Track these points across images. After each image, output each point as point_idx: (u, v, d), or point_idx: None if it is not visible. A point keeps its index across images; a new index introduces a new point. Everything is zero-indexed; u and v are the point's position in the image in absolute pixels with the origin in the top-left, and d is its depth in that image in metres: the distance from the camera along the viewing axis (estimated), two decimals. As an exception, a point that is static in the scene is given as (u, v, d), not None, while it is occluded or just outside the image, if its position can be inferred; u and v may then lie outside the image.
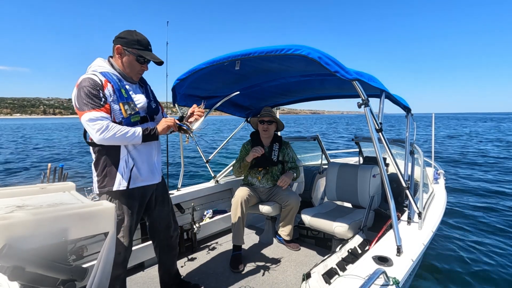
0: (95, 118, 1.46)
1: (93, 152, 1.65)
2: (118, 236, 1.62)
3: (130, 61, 1.65)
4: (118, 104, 1.57)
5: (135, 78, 1.71)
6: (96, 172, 1.63)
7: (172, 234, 2.00)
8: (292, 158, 2.97)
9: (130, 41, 1.62)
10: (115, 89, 1.57)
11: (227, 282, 2.28)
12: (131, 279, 2.29)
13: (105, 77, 1.56)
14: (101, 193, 1.63)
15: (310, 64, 1.77)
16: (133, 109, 1.64)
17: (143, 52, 1.65)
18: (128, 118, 1.62)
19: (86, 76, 1.52)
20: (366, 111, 1.72)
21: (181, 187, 3.17)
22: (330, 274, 1.57)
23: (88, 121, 1.46)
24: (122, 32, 1.65)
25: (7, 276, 0.94)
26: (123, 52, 1.63)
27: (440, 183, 3.36)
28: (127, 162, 1.63)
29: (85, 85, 1.49)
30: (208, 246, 2.94)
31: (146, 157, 1.72)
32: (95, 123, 1.46)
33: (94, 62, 1.64)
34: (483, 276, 3.26)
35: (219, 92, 3.01)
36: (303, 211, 2.74)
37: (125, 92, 1.63)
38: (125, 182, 1.62)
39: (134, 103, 1.65)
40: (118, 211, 1.63)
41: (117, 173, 1.61)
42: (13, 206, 1.15)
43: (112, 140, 1.51)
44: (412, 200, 1.99)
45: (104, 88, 1.53)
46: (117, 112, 1.57)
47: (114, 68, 1.64)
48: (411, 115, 2.72)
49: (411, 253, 1.63)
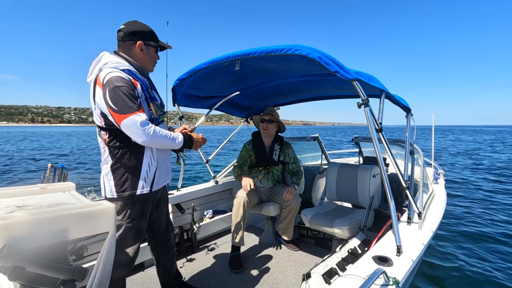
0: (144, 121, 1.41)
1: (111, 156, 1.54)
2: (129, 240, 1.59)
3: (150, 53, 1.63)
4: (148, 104, 1.54)
5: (151, 69, 1.70)
6: (113, 175, 1.54)
7: (170, 235, 1.99)
8: (294, 159, 2.96)
9: (147, 34, 1.59)
10: (144, 89, 1.53)
11: (227, 282, 2.28)
12: (131, 279, 2.29)
13: (130, 75, 1.49)
14: (120, 197, 1.54)
15: (310, 64, 1.77)
16: (160, 109, 1.62)
17: (161, 43, 1.66)
18: (158, 118, 1.60)
19: (115, 75, 1.42)
20: (366, 111, 1.72)
21: (181, 187, 3.17)
22: (330, 274, 1.57)
23: (138, 124, 1.38)
24: (130, 25, 1.57)
25: (7, 276, 0.94)
26: (144, 47, 1.60)
27: (440, 183, 3.36)
28: (151, 166, 1.59)
29: (121, 84, 1.40)
30: (208, 246, 2.94)
31: (163, 159, 1.69)
32: (145, 125, 1.41)
33: (107, 58, 1.51)
34: (483, 276, 3.26)
35: (219, 92, 3.01)
36: (303, 211, 2.74)
37: (151, 91, 1.60)
38: (148, 185, 1.59)
39: (159, 101, 1.64)
40: (133, 215, 1.58)
41: (141, 176, 1.56)
42: (13, 206, 1.14)
43: (158, 142, 1.49)
44: (412, 200, 1.99)
45: (135, 87, 1.48)
46: (148, 112, 1.52)
47: (131, 64, 1.57)
48: (411, 115, 2.72)
49: (411, 253, 1.63)
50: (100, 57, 1.52)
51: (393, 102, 2.57)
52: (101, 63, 1.49)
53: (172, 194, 2.99)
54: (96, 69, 1.50)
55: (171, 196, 2.91)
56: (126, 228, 1.57)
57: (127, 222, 1.57)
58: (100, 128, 1.55)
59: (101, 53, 1.55)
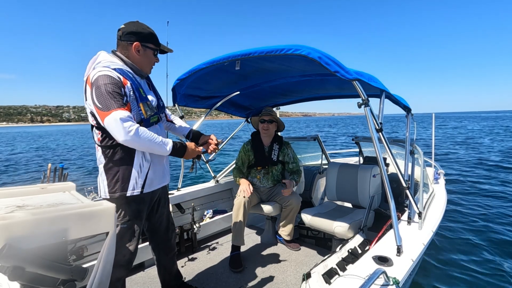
0: (125, 118, 1.36)
1: (104, 156, 1.53)
2: (126, 240, 1.58)
3: (148, 55, 1.61)
4: (138, 104, 1.51)
5: (148, 71, 1.68)
6: (106, 175, 1.53)
7: (171, 235, 1.98)
8: (293, 158, 2.96)
9: (145, 35, 1.57)
10: (134, 88, 1.50)
11: (227, 282, 2.28)
12: (131, 279, 2.29)
13: (121, 74, 1.47)
14: (112, 198, 1.52)
15: (310, 64, 1.78)
16: (152, 110, 1.58)
17: (162, 46, 1.64)
18: (148, 119, 1.56)
19: (102, 73, 1.40)
20: (366, 111, 1.72)
21: (181, 187, 3.17)
22: (330, 274, 1.57)
23: (119, 120, 1.34)
24: (130, 25, 1.55)
25: (7, 276, 0.94)
26: (141, 48, 1.58)
27: (440, 183, 3.36)
28: (142, 167, 1.56)
29: (106, 82, 1.38)
30: (208, 246, 2.94)
31: (159, 160, 1.65)
32: (126, 123, 1.36)
33: (102, 57, 1.51)
34: (483, 276, 3.26)
35: (219, 92, 3.01)
36: (303, 211, 2.74)
37: (143, 91, 1.57)
38: (139, 187, 1.56)
39: (151, 102, 1.60)
40: (128, 216, 1.57)
41: (131, 177, 1.53)
42: (13, 206, 1.14)
43: (141, 144, 1.43)
44: (412, 200, 1.99)
45: (124, 86, 1.45)
46: (137, 112, 1.51)
47: (125, 64, 1.56)
48: (411, 115, 2.73)
49: (411, 253, 1.63)
50: (96, 56, 1.53)
51: (393, 102, 2.58)
52: (96, 62, 1.50)
53: (172, 194, 2.99)
54: (91, 68, 1.49)
55: (171, 196, 2.91)
56: (122, 228, 1.56)
57: (122, 222, 1.56)
58: (93, 128, 1.54)
59: (98, 52, 1.55)
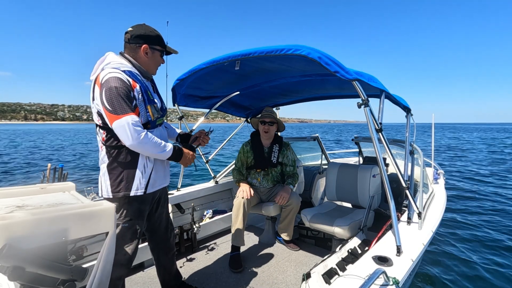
0: (135, 123, 1.41)
1: (108, 155, 1.55)
2: (127, 239, 1.60)
3: (155, 57, 1.65)
4: (146, 106, 1.54)
5: (154, 73, 1.71)
6: (109, 175, 1.54)
7: (170, 235, 1.99)
8: (292, 161, 2.94)
9: (153, 38, 1.61)
10: (143, 91, 1.53)
11: (227, 282, 2.28)
12: (131, 279, 2.29)
13: (130, 76, 1.50)
14: (115, 197, 1.54)
15: (310, 64, 1.77)
16: (158, 112, 1.61)
17: (168, 48, 1.68)
18: (155, 121, 1.60)
19: (113, 76, 1.43)
20: (366, 111, 1.72)
21: (181, 187, 3.17)
22: (330, 274, 1.57)
23: (128, 125, 1.39)
24: (138, 28, 1.58)
25: (7, 276, 0.94)
26: (149, 50, 1.61)
27: (440, 183, 3.36)
28: (146, 168, 1.59)
29: (117, 85, 1.41)
30: (208, 246, 2.94)
31: (161, 161, 1.69)
32: (135, 128, 1.41)
33: (111, 58, 1.54)
34: (483, 276, 3.26)
35: (219, 92, 3.00)
36: (303, 211, 2.74)
37: (151, 94, 1.60)
38: (143, 187, 1.58)
39: (158, 105, 1.64)
40: (130, 215, 1.59)
41: (135, 178, 1.55)
42: (13, 206, 1.14)
43: (147, 148, 1.48)
44: (412, 200, 1.99)
45: (133, 89, 1.48)
46: (145, 114, 1.53)
47: (134, 66, 1.58)
48: (411, 115, 2.72)
49: (411, 253, 1.63)
50: (104, 57, 1.55)
51: (393, 102, 2.58)
52: (104, 63, 1.52)
53: (172, 194, 2.99)
54: (99, 69, 1.52)
55: (171, 196, 2.91)
56: (123, 228, 1.58)
57: (123, 222, 1.57)
58: (98, 127, 1.56)
59: (106, 53, 1.57)
